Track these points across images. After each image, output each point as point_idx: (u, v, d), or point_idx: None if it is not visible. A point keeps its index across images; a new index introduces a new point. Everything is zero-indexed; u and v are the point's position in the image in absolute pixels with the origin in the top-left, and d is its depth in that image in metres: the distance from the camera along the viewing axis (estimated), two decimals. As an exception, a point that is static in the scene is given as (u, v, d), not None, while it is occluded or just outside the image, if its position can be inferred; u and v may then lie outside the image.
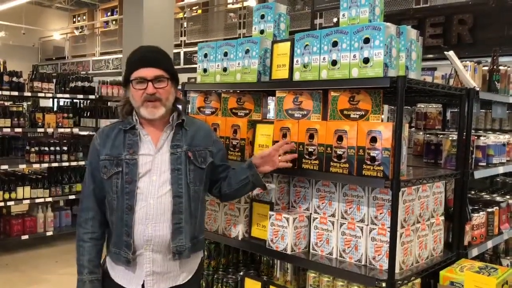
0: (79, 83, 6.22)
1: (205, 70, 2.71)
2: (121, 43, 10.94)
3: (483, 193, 3.22)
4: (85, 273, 1.96)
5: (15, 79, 5.55)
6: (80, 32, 17.86)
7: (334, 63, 2.10)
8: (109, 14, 17.97)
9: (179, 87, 2.18)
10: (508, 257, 3.23)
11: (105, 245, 2.08)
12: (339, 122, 2.11)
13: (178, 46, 12.69)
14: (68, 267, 5.01)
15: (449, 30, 5.76)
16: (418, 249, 2.17)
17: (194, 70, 2.88)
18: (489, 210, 2.79)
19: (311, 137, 2.17)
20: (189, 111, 2.88)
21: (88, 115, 6.47)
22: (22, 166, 5.61)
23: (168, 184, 1.94)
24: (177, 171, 1.95)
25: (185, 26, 13.49)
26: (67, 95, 6.19)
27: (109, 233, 2.04)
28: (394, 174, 1.89)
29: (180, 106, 2.13)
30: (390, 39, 1.97)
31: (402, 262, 2.04)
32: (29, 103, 6.23)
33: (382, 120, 2.07)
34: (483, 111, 3.59)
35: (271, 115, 3.18)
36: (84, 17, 18.88)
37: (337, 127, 2.08)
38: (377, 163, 1.94)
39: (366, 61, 1.98)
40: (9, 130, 5.46)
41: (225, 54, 2.59)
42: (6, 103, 7.02)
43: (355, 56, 2.02)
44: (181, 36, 13.31)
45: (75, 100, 6.78)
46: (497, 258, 3.11)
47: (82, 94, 6.23)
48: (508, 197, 3.11)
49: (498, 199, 3.07)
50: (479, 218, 2.65)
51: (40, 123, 5.68)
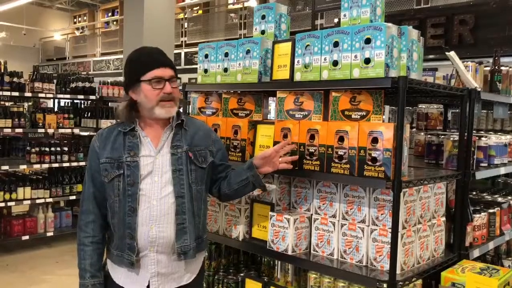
0: (80, 84, 6.23)
1: (205, 71, 2.70)
2: (121, 44, 10.95)
3: (485, 194, 3.21)
4: (87, 277, 1.95)
5: (16, 79, 5.56)
6: (81, 33, 17.87)
7: (335, 63, 2.10)
8: (109, 14, 17.97)
9: (180, 87, 2.18)
10: (510, 258, 3.22)
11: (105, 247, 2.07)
12: (340, 123, 2.10)
13: (179, 46, 12.69)
14: (68, 268, 5.01)
15: (450, 31, 5.74)
16: (419, 250, 2.16)
17: (194, 70, 2.87)
18: (491, 211, 2.78)
19: (312, 137, 2.16)
20: (190, 111, 2.88)
21: (89, 115, 6.47)
22: (23, 167, 5.61)
23: (170, 185, 1.94)
24: (178, 171, 1.96)
25: (185, 26, 13.49)
26: (67, 96, 6.19)
27: (110, 235, 2.02)
28: (396, 174, 1.89)
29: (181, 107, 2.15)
30: (392, 40, 1.97)
31: (403, 263, 2.03)
32: (29, 103, 6.23)
33: (383, 121, 2.06)
34: (484, 111, 3.58)
35: (272, 115, 3.18)
36: (85, 18, 18.88)
37: (338, 127, 2.07)
38: (378, 163, 1.94)
39: (367, 61, 1.98)
40: (9, 130, 5.46)
41: (226, 55, 2.59)
42: (7, 104, 7.02)
43: (356, 57, 2.02)
44: (181, 36, 13.31)
45: (75, 101, 6.79)
46: (498, 259, 3.10)
47: (82, 95, 6.24)
48: (509, 197, 3.10)
49: (500, 200, 3.06)
50: (480, 219, 2.64)
51: (40, 124, 5.68)
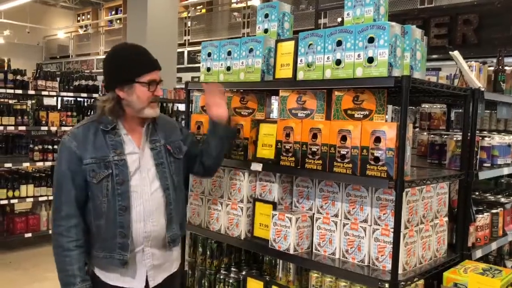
0: (83, 82, 6.24)
1: (208, 69, 2.70)
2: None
3: (488, 194, 3.20)
4: (78, 282, 1.87)
5: (19, 77, 5.57)
6: (85, 31, 17.91)
7: (338, 62, 2.09)
8: (113, 13, 18.01)
9: (183, 86, 2.20)
10: (513, 259, 3.21)
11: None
12: (343, 122, 2.10)
13: (182, 45, 12.70)
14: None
15: (454, 30, 5.72)
16: (422, 250, 2.15)
17: (198, 69, 2.88)
18: (494, 211, 2.77)
19: (314, 136, 2.16)
20: (192, 110, 2.87)
21: (92, 113, 6.47)
22: (26, 164, 5.62)
23: (157, 179, 2.02)
24: (161, 165, 2.04)
25: (189, 25, 13.51)
26: (71, 94, 6.20)
27: (89, 238, 1.97)
28: (398, 174, 1.88)
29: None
30: (395, 39, 1.96)
31: (405, 263, 2.03)
32: (33, 101, 6.24)
33: (386, 120, 2.06)
34: (488, 111, 3.57)
35: (274, 114, 3.17)
36: (89, 16, 18.93)
37: (341, 127, 2.07)
38: (381, 163, 1.93)
39: (371, 60, 1.97)
40: (13, 128, 5.47)
41: (229, 53, 2.58)
42: (10, 101, 7.02)
43: (359, 56, 2.01)
44: (185, 35, 13.33)
45: (79, 99, 6.78)
46: (501, 259, 3.09)
47: (86, 93, 6.24)
48: (512, 198, 3.10)
49: (503, 200, 3.05)
50: (483, 219, 2.63)
51: (43, 122, 5.69)
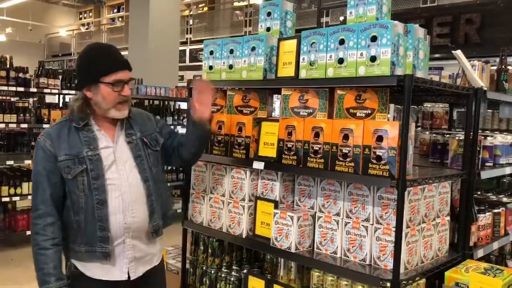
0: (85, 80, 6.23)
1: (210, 68, 2.70)
2: (127, 40, 10.95)
3: (490, 193, 3.20)
4: (52, 282, 1.88)
5: (21, 75, 5.57)
6: (87, 29, 17.91)
7: (341, 61, 2.09)
8: (115, 11, 18.01)
9: (185, 84, 2.19)
10: (514, 259, 3.20)
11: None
12: (345, 121, 2.10)
13: (184, 43, 12.69)
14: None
15: (456, 30, 5.72)
16: (423, 249, 2.15)
17: (200, 67, 2.87)
18: (496, 211, 2.77)
19: (316, 135, 2.16)
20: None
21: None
22: (28, 162, 5.63)
23: (135, 171, 2.02)
24: (139, 157, 2.05)
25: (191, 23, 13.50)
26: (72, 92, 6.18)
27: (70, 235, 1.98)
28: (400, 173, 1.88)
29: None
30: (398, 38, 1.96)
31: (407, 262, 2.03)
32: (35, 99, 6.24)
33: (388, 119, 2.05)
34: (490, 111, 3.56)
35: (276, 113, 3.17)
36: (91, 14, 18.93)
37: (343, 125, 2.07)
38: (383, 162, 1.93)
39: (373, 59, 1.97)
40: (15, 126, 5.47)
41: (231, 52, 2.58)
42: (13, 99, 7.03)
43: (362, 54, 2.01)
44: (187, 33, 13.32)
45: (80, 97, 6.78)
46: (503, 259, 3.09)
47: (87, 91, 6.23)
48: (514, 198, 3.09)
49: (505, 200, 3.04)
50: (485, 218, 2.63)
51: (46, 119, 5.69)
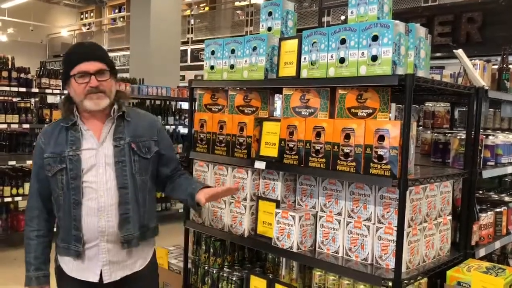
0: (86, 80, 6.23)
1: (212, 67, 2.70)
2: (128, 40, 10.97)
3: (491, 192, 3.20)
4: (31, 270, 2.03)
5: (23, 75, 5.57)
6: (88, 29, 17.93)
7: (342, 60, 2.09)
8: (116, 11, 18.03)
9: (186, 84, 2.18)
10: (516, 258, 3.20)
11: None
12: (346, 120, 2.10)
13: (185, 43, 12.70)
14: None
15: (458, 29, 5.72)
16: (425, 248, 2.15)
17: (201, 67, 2.87)
18: (497, 210, 2.76)
19: (318, 135, 2.16)
20: (195, 108, 2.88)
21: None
22: (29, 162, 5.63)
23: (113, 176, 1.97)
24: (121, 163, 1.98)
25: (192, 23, 13.50)
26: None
27: (57, 229, 2.07)
28: (402, 173, 1.88)
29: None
30: (399, 37, 1.96)
31: (408, 262, 2.03)
32: (37, 99, 6.25)
33: (390, 119, 2.05)
34: (492, 110, 3.56)
35: (277, 112, 3.17)
36: (92, 14, 18.96)
37: (345, 125, 2.07)
38: (384, 161, 1.93)
39: (374, 58, 1.97)
40: (17, 126, 5.48)
41: (232, 51, 2.58)
42: (14, 99, 7.04)
43: (363, 54, 2.01)
44: (188, 33, 13.33)
45: (82, 97, 6.78)
46: (504, 258, 3.08)
47: (89, 91, 6.23)
48: (516, 197, 3.09)
49: (507, 199, 3.04)
50: (487, 218, 2.63)
51: (47, 119, 5.70)
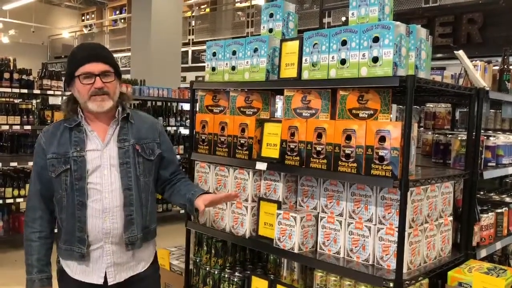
0: (88, 81, 6.24)
1: (213, 69, 2.71)
2: (129, 42, 10.99)
3: (492, 193, 3.20)
4: (34, 272, 1.99)
5: (24, 77, 5.59)
6: (89, 30, 17.95)
7: (343, 62, 2.09)
8: (117, 12, 18.06)
9: (187, 85, 2.19)
10: (517, 258, 3.20)
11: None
12: (347, 121, 2.10)
13: (186, 44, 12.71)
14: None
15: (458, 30, 5.72)
16: (426, 249, 2.16)
17: (202, 68, 2.87)
18: (498, 210, 2.77)
19: (319, 136, 2.16)
20: (197, 109, 2.88)
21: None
22: (31, 163, 5.62)
23: (118, 178, 1.97)
24: (125, 164, 1.99)
25: (193, 24, 13.53)
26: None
27: (58, 231, 2.04)
28: (403, 173, 1.89)
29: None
30: (400, 38, 1.96)
31: (410, 262, 2.03)
32: (38, 100, 6.27)
33: (391, 120, 2.06)
34: (492, 111, 3.55)
35: (279, 114, 3.18)
36: (93, 16, 19.00)
37: (346, 126, 2.07)
38: (385, 162, 1.93)
39: (375, 60, 1.98)
40: (18, 127, 5.50)
41: (234, 53, 2.59)
42: (16, 101, 7.06)
43: (364, 55, 2.02)
44: (189, 34, 13.34)
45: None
46: (506, 259, 3.08)
47: (90, 92, 6.24)
48: (517, 197, 3.09)
49: (508, 200, 3.04)
50: (488, 218, 2.63)
51: (49, 121, 5.71)
